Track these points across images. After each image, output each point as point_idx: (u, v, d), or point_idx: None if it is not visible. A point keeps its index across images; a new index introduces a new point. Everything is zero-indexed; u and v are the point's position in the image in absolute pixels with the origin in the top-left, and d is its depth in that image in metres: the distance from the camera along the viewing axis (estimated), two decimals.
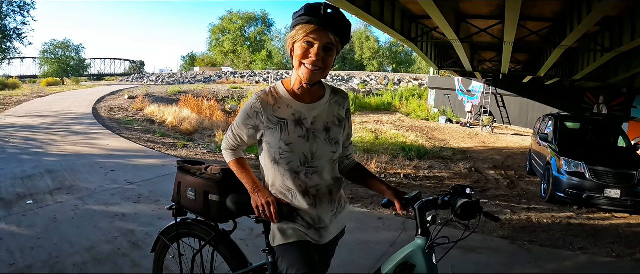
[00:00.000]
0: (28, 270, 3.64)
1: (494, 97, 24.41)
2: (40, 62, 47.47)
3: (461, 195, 1.86)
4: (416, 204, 1.86)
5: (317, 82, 1.85)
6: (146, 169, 7.51)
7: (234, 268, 2.30)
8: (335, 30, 1.75)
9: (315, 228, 1.96)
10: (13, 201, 5.60)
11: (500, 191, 8.79)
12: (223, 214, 2.24)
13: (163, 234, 2.58)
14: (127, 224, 4.81)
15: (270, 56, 63.22)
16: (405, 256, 1.87)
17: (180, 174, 2.42)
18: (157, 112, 15.90)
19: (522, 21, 11.01)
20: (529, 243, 4.73)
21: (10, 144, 9.57)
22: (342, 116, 2.01)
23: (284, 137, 1.87)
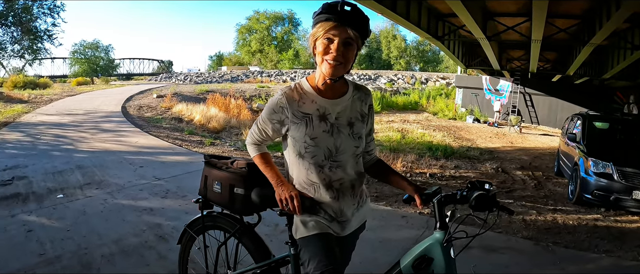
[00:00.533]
0: (57, 260, 3.80)
1: (522, 97, 23.97)
2: (70, 62, 48.45)
3: (478, 189, 1.88)
4: (435, 198, 1.90)
5: (339, 77, 1.92)
6: (174, 166, 7.68)
7: (257, 259, 2.37)
8: (354, 26, 1.81)
9: (338, 221, 2.03)
10: (44, 194, 5.84)
11: (527, 192, 8.68)
12: (247, 207, 2.31)
13: (189, 227, 2.68)
14: (154, 218, 4.98)
15: (297, 55, 63.36)
16: (424, 250, 1.90)
17: (207, 168, 2.51)
18: (185, 111, 16.17)
19: (549, 18, 10.85)
20: (553, 244, 4.66)
21: (41, 141, 9.91)
22: (365, 112, 2.07)
23: (309, 132, 1.93)
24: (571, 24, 12.30)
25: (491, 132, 20.54)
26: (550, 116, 23.24)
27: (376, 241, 4.26)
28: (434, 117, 26.12)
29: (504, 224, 5.39)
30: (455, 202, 1.92)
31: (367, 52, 66.73)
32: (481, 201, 1.84)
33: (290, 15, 67.58)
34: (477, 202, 1.84)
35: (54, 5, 17.14)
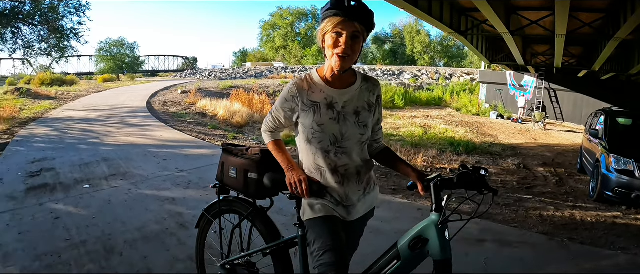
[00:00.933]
0: (82, 245, 4.06)
1: (546, 92, 23.56)
2: (97, 60, 49.45)
3: (468, 171, 2.00)
4: (432, 182, 1.98)
5: (347, 69, 2.04)
6: (196, 159, 7.86)
7: (268, 241, 2.50)
8: (360, 20, 1.92)
9: (343, 205, 2.13)
10: (71, 185, 6.12)
11: (548, 189, 8.61)
12: (260, 191, 2.45)
13: (207, 211, 2.83)
14: (176, 207, 5.18)
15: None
16: (420, 231, 1.98)
17: (224, 155, 2.66)
18: (209, 106, 16.38)
19: (573, 12, 10.70)
20: (569, 240, 4.63)
21: (68, 135, 10.23)
22: (372, 102, 2.17)
23: (316, 119, 2.06)
24: (595, 18, 12.09)
25: (515, 129, 20.29)
26: (575, 112, 22.73)
27: (392, 232, 4.31)
28: (458, 113, 25.93)
29: (521, 219, 5.41)
30: (452, 187, 2.01)
31: (391, 48, 66.43)
32: (463, 179, 1.98)
33: (313, 11, 67.56)
34: (458, 179, 1.98)
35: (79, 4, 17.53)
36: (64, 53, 18.51)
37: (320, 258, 1.96)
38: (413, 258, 1.98)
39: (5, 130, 11.33)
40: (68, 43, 17.94)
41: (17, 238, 4.26)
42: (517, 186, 8.49)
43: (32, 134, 10.57)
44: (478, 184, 2.00)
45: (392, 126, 18.74)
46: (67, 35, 17.62)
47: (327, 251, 1.95)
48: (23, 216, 4.89)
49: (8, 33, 16.32)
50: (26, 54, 17.28)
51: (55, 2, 17.05)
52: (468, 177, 1.99)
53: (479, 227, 4.76)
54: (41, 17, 16.46)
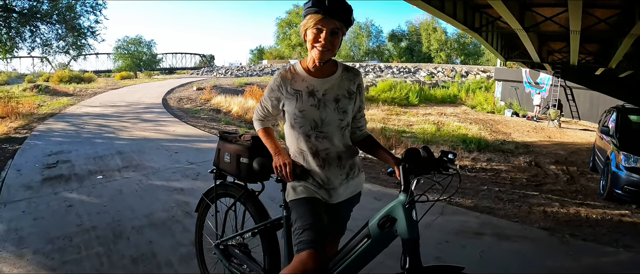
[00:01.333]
0: (92, 230, 4.33)
1: (562, 90, 23.35)
2: (114, 57, 50.22)
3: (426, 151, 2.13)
4: (400, 165, 2.07)
5: (327, 60, 2.19)
6: (207, 152, 8.01)
7: (257, 221, 2.66)
8: (339, 17, 2.07)
9: (325, 188, 2.26)
10: (85, 176, 6.38)
11: (557, 186, 8.61)
12: (251, 174, 2.62)
13: (205, 195, 3.04)
14: (183, 197, 5.38)
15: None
16: (388, 210, 2.06)
17: (220, 142, 2.86)
18: (224, 103, 16.61)
19: (588, 8, 10.64)
20: (570, 236, 4.60)
21: (85, 130, 10.51)
22: (353, 90, 2.30)
23: (298, 106, 2.21)
24: (611, 15, 11.98)
25: (529, 126, 20.19)
26: (591, 110, 22.42)
27: None
28: (472, 111, 25.86)
29: (523, 214, 5.41)
30: (419, 171, 2.10)
31: (407, 45, 66.16)
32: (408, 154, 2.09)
33: None
34: (405, 155, 2.09)
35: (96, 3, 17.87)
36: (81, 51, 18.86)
37: (300, 235, 2.07)
38: (382, 236, 2.06)
39: (24, 125, 11.66)
40: (85, 41, 18.29)
41: (31, 223, 4.51)
42: (526, 183, 8.50)
43: (49, 129, 10.87)
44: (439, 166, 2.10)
45: (405, 122, 18.78)
46: (84, 34, 17.97)
47: (306, 229, 2.06)
48: (38, 203, 5.13)
49: (27, 31, 16.68)
50: (44, 52, 17.64)
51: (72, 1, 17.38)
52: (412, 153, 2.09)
53: (479, 221, 4.82)
54: (59, 16, 16.80)
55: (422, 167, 2.08)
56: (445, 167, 2.12)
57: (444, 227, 4.56)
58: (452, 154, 2.12)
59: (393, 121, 19.19)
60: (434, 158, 2.11)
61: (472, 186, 6.96)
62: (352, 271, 2.15)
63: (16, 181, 6.18)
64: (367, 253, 2.11)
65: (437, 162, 2.10)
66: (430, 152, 2.12)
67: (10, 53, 16.67)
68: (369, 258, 2.13)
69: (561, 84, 23.10)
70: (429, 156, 2.10)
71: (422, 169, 2.09)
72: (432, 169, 2.10)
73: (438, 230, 4.46)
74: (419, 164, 2.08)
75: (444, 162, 2.11)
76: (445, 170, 2.12)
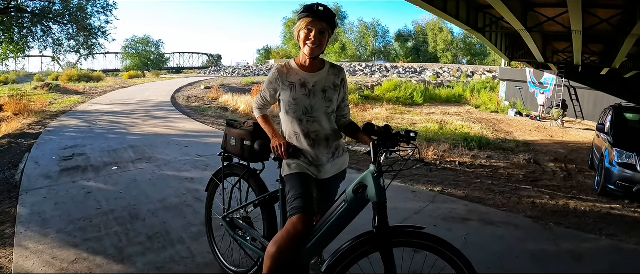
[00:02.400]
0: (111, 212, 4.78)
1: (567, 90, 23.51)
2: (123, 57, 50.71)
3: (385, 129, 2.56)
4: (371, 142, 2.47)
5: (317, 56, 2.66)
6: (215, 146, 8.39)
7: (258, 195, 3.12)
8: (325, 20, 2.57)
9: (315, 165, 2.73)
10: (101, 167, 6.79)
11: (554, 182, 8.81)
12: (253, 154, 3.10)
13: (214, 176, 3.54)
14: (194, 185, 5.83)
15: (344, 48, 63.61)
16: (361, 179, 2.44)
17: (227, 128, 3.41)
18: (231, 101, 16.95)
19: (590, 9, 10.72)
20: (554, 225, 4.85)
21: (97, 126, 10.91)
22: (337, 83, 2.78)
23: (292, 95, 2.68)
24: (613, 14, 11.99)
25: (532, 126, 20.37)
26: (595, 110, 22.15)
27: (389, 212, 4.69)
28: (476, 110, 26.02)
29: (512, 205, 5.68)
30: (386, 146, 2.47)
31: (413, 45, 66.13)
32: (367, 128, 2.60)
33: (336, 8, 67.68)
34: (364, 127, 2.62)
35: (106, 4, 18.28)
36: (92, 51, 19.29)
37: (292, 202, 2.55)
38: (356, 200, 2.43)
39: (37, 121, 12.05)
40: (96, 41, 18.71)
41: (53, 208, 4.91)
42: (522, 178, 8.72)
43: (63, 125, 11.27)
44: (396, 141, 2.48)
45: (408, 121, 19.00)
46: (95, 34, 18.38)
47: (297, 197, 2.54)
48: (58, 190, 5.55)
49: (39, 31, 17.10)
50: (55, 51, 18.06)
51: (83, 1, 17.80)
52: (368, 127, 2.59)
53: (467, 208, 5.14)
54: (70, 16, 17.21)
55: (389, 144, 2.46)
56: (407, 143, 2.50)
57: (434, 213, 4.93)
58: (413, 132, 2.51)
59: (397, 120, 19.42)
60: (392, 134, 2.50)
61: (466, 179, 7.25)
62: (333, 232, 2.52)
63: (35, 171, 6.57)
64: (345, 215, 2.48)
65: (395, 136, 2.49)
66: (389, 129, 2.54)
67: (22, 52, 17.06)
68: (347, 220, 2.51)
69: (565, 84, 23.25)
70: (386, 131, 2.51)
71: (389, 144, 2.46)
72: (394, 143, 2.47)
73: (428, 216, 4.82)
74: (385, 140, 2.47)
75: (404, 138, 2.49)
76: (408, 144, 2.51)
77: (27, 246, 3.90)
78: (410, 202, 5.22)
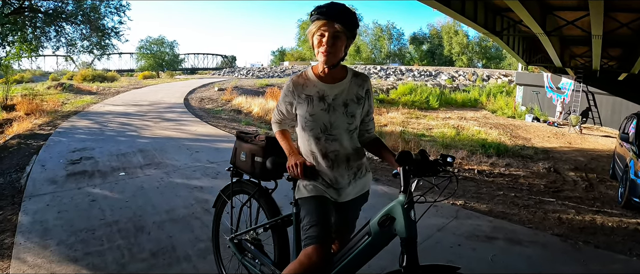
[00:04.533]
0: (115, 224, 4.52)
1: (584, 95, 23.04)
2: (137, 57, 50.93)
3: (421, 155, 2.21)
4: (401, 166, 2.14)
5: (335, 64, 2.32)
6: (227, 152, 8.05)
7: (269, 217, 2.81)
8: (340, 21, 2.20)
9: (334, 188, 2.39)
10: (108, 172, 6.59)
11: (575, 193, 8.51)
12: (264, 172, 2.79)
13: (223, 192, 3.21)
14: (203, 195, 5.56)
15: (359, 51, 63.49)
16: (388, 210, 2.15)
17: (237, 141, 3.05)
18: (244, 103, 16.77)
19: (611, 12, 10.50)
20: (583, 243, 4.59)
21: (108, 128, 10.76)
22: (361, 95, 2.42)
23: (309, 110, 2.34)
24: (633, 18, 11.71)
25: (550, 132, 19.98)
26: (613, 116, 21.91)
27: None
28: (493, 115, 25.68)
29: (537, 220, 5.41)
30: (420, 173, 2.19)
31: (428, 48, 65.87)
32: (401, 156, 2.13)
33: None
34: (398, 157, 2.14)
35: (120, 4, 18.26)
36: (105, 51, 19.25)
37: (307, 231, 2.22)
38: (382, 234, 2.14)
39: (48, 122, 11.97)
40: (109, 41, 18.67)
41: (56, 216, 4.72)
42: (544, 189, 8.42)
43: (73, 126, 11.16)
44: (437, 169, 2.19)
45: (424, 126, 18.76)
46: (108, 34, 18.35)
47: (313, 225, 2.22)
48: (62, 197, 5.35)
49: (52, 31, 17.09)
50: (69, 51, 18.05)
51: (96, 2, 17.77)
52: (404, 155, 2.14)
53: (492, 225, 4.84)
54: (83, 17, 17.18)
55: (422, 170, 2.17)
56: (444, 170, 2.20)
57: (457, 230, 4.61)
58: (450, 157, 2.21)
59: (412, 125, 19.17)
60: (429, 161, 2.19)
61: (488, 191, 6.96)
62: (353, 267, 2.24)
63: (41, 175, 6.41)
64: (368, 250, 2.20)
65: (433, 164, 2.19)
66: (425, 156, 2.21)
67: (35, 52, 17.05)
68: (370, 255, 2.22)
69: (583, 90, 22.78)
70: (423, 159, 2.18)
71: (421, 171, 2.17)
72: (431, 171, 2.18)
73: (451, 233, 4.51)
74: (418, 166, 2.17)
75: (442, 165, 2.19)
76: (444, 173, 2.20)
77: (25, 259, 3.71)
78: (432, 218, 4.88)
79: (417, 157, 2.19)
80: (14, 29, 14.73)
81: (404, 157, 2.14)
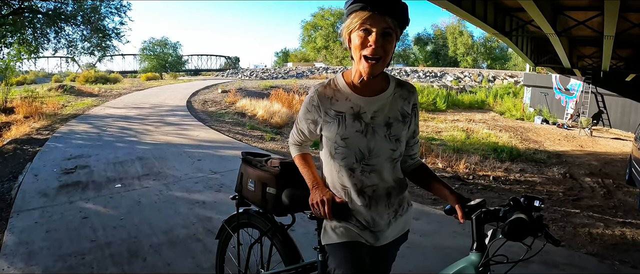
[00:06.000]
0: (107, 247, 4.05)
1: (593, 97, 22.58)
2: (140, 59, 50.71)
3: (520, 209, 1.61)
4: (474, 214, 1.66)
5: (378, 73, 1.73)
6: (231, 160, 7.77)
7: (286, 262, 2.30)
8: (392, 14, 1.64)
9: (370, 230, 1.87)
10: (103, 183, 6.17)
11: (595, 201, 8.14)
12: (279, 207, 2.22)
13: (227, 223, 2.65)
14: (205, 212, 5.11)
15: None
16: (456, 272, 1.69)
17: (243, 165, 2.46)
18: (248, 106, 16.40)
19: (623, 12, 10.25)
20: (619, 263, 4.27)
21: (107, 133, 10.41)
22: (407, 112, 1.88)
23: (340, 132, 1.79)
24: None
25: (560, 135, 19.56)
26: (623, 118, 21.55)
27: (430, 247, 4.09)
28: (501, 117, 25.31)
29: (568, 237, 5.07)
30: (498, 221, 1.67)
31: (433, 49, 65.69)
32: (516, 229, 1.55)
33: None
34: (510, 229, 1.55)
35: (120, 5, 18.05)
36: (106, 52, 19.04)
37: None
38: None
39: (47, 125, 11.63)
40: (110, 42, 18.45)
41: (43, 236, 4.30)
42: (563, 197, 8.07)
43: (71, 131, 10.79)
44: (530, 230, 1.55)
45: (433, 129, 18.42)
46: (109, 35, 18.12)
47: None
48: (52, 213, 4.94)
49: (51, 32, 16.82)
50: (69, 52, 17.83)
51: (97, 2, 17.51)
52: (521, 226, 1.53)
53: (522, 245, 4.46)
54: (83, 18, 16.93)
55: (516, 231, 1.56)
56: (542, 231, 1.61)
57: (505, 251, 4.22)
58: (537, 200, 1.63)
59: (421, 127, 18.77)
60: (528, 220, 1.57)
61: None
62: None
63: (32, 186, 6.03)
64: None
65: (532, 226, 1.57)
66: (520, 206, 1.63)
67: (35, 54, 16.79)
68: None
69: (592, 91, 22.36)
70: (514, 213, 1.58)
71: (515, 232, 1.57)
72: (529, 233, 1.57)
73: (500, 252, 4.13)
74: (501, 218, 1.64)
75: (541, 223, 1.59)
76: (540, 229, 1.60)
77: None
78: (459, 238, 4.42)
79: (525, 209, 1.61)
80: (13, 30, 14.44)
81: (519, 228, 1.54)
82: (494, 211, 1.67)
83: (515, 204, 1.63)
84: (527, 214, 1.56)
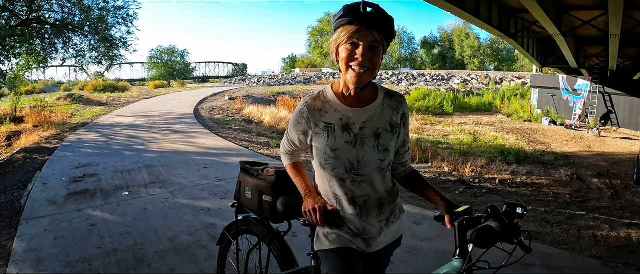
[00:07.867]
0: (113, 253, 4.14)
1: (601, 97, 22.46)
2: (148, 67, 51.06)
3: (497, 216, 1.64)
4: (456, 221, 1.69)
5: (366, 84, 1.78)
6: (237, 167, 7.77)
7: (282, 267, 2.38)
8: (378, 28, 1.69)
9: (362, 238, 1.93)
10: (110, 192, 6.25)
11: (602, 203, 8.10)
12: (275, 214, 2.31)
13: (227, 230, 2.76)
14: (210, 219, 5.17)
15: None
16: None
17: (241, 174, 2.59)
18: (255, 113, 16.47)
19: (628, 11, 10.22)
20: (623, 266, 4.24)
21: (115, 141, 10.51)
22: (396, 122, 1.92)
23: (330, 143, 1.84)
24: None
25: (568, 136, 19.47)
26: (631, 118, 21.40)
27: (431, 252, 4.10)
28: (508, 119, 25.24)
29: (572, 240, 5.04)
30: None
31: (440, 52, 65.59)
32: (483, 236, 1.57)
33: None
34: (477, 237, 1.58)
35: (127, 14, 18.17)
36: (114, 61, 19.20)
37: None
38: None
39: (56, 134, 11.77)
40: (117, 52, 18.60)
41: (52, 243, 4.39)
42: (570, 199, 8.04)
43: (80, 140, 10.92)
44: (510, 234, 1.62)
45: (440, 133, 18.42)
46: (116, 45, 18.27)
47: None
48: (61, 221, 5.03)
49: (59, 42, 16.99)
50: (77, 62, 17.97)
51: (104, 13, 17.66)
52: (487, 234, 1.57)
53: None
54: (91, 28, 17.09)
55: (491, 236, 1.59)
56: (516, 231, 1.64)
57: (489, 257, 4.22)
58: (520, 207, 1.67)
59: (428, 131, 18.79)
60: (507, 224, 1.63)
61: None
62: None
63: (41, 195, 6.13)
64: None
65: (510, 229, 1.63)
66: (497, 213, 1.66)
67: (44, 63, 16.97)
68: None
69: (600, 91, 22.23)
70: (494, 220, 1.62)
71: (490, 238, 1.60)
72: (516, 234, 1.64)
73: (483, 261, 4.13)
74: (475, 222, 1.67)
75: (517, 229, 1.64)
76: (516, 235, 1.64)
77: None
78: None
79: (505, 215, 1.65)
80: (22, 40, 14.60)
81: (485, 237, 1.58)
82: (476, 219, 1.70)
83: (493, 211, 1.66)
84: (501, 222, 1.60)
